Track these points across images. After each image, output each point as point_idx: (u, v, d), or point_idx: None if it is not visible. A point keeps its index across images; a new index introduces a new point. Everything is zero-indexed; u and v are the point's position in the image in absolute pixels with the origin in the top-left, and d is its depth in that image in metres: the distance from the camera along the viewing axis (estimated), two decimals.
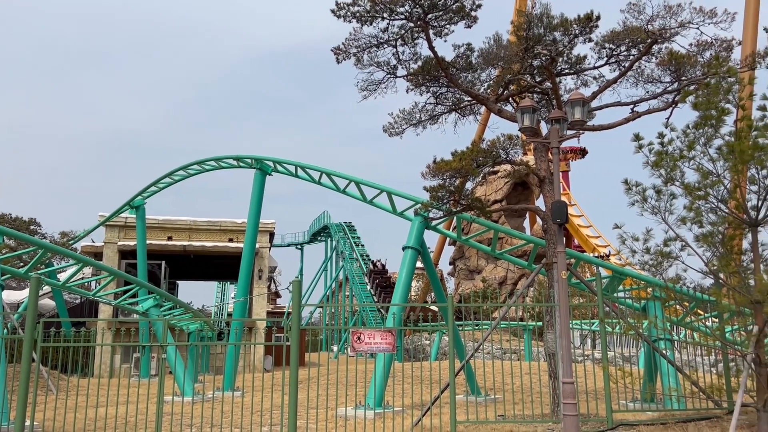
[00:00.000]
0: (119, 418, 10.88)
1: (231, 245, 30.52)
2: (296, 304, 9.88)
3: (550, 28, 12.08)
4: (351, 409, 12.06)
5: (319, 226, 58.29)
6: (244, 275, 20.75)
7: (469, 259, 52.60)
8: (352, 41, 12.78)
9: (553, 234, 11.08)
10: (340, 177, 18.83)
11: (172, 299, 19.83)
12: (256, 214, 21.11)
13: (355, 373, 13.68)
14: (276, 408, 12.43)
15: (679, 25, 11.40)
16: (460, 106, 14.38)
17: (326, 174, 19.03)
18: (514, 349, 33.73)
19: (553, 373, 11.43)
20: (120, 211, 27.45)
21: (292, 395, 9.15)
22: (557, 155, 9.95)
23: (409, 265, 15.87)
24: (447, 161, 11.74)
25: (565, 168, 55.47)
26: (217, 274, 42.01)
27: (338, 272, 54.18)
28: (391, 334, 10.05)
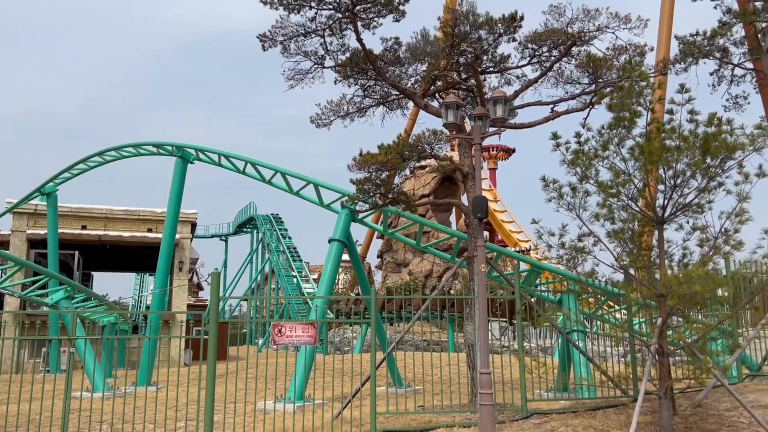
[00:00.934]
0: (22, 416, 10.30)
1: (150, 235, 29.44)
2: (214, 296, 9.64)
3: (475, 26, 12.30)
4: (272, 403, 11.91)
5: (244, 218, 57.17)
6: (163, 267, 20.07)
7: (396, 253, 53.07)
8: (279, 29, 12.57)
9: (474, 228, 11.31)
10: (266, 167, 18.51)
11: (85, 291, 18.93)
12: (176, 204, 20.44)
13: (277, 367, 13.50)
14: (193, 403, 12.10)
15: (597, 29, 11.87)
16: (387, 99, 14.42)
17: (251, 164, 18.66)
18: (438, 340, 34.35)
19: (472, 364, 11.70)
20: (29, 197, 25.89)
21: (209, 389, 8.93)
22: (479, 151, 10.14)
23: (334, 257, 15.83)
24: (373, 154, 11.76)
25: (492, 166, 56.84)
26: (136, 266, 40.47)
27: (264, 265, 53.39)
28: (312, 326, 9.98)
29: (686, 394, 10.47)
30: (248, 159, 18.76)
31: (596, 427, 9.08)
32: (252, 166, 18.70)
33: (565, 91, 13.13)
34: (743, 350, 11.72)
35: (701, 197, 9.07)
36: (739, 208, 8.74)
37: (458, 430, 9.43)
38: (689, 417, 9.22)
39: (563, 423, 9.42)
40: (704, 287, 8.00)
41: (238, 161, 19.21)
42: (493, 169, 56.78)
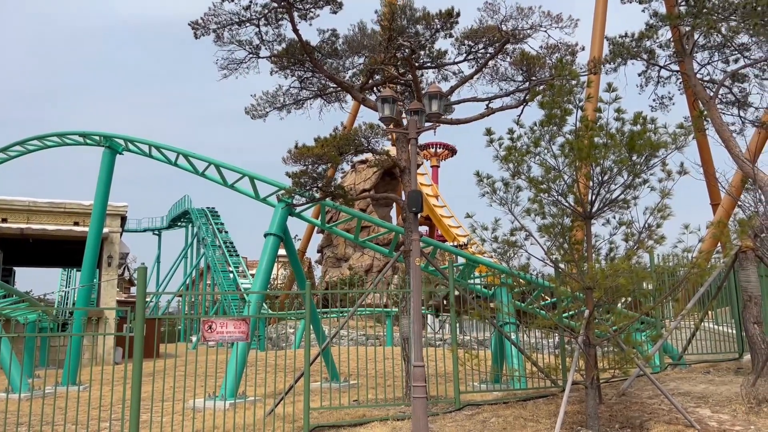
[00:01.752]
0: None
1: (77, 229, 28.18)
2: (141, 292, 9.28)
3: (413, 21, 12.30)
4: (202, 401, 11.62)
5: (178, 211, 55.71)
6: (89, 261, 19.24)
7: (336, 247, 52.91)
8: (212, 16, 12.22)
9: (409, 222, 11.35)
10: (199, 159, 18.01)
11: (5, 287, 17.94)
12: (103, 196, 19.63)
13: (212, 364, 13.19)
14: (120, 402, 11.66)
15: (530, 27, 12.09)
16: (325, 92, 14.28)
17: (183, 155, 18.12)
18: (377, 335, 34.47)
19: (407, 357, 11.76)
20: None
21: (135, 388, 8.61)
22: (415, 146, 10.16)
23: (270, 252, 15.56)
24: (309, 147, 11.61)
25: (435, 163, 57.39)
26: (62, 260, 38.66)
27: (199, 259, 52.17)
28: (245, 322, 9.76)
29: (612, 383, 10.85)
30: (180, 150, 18.21)
31: (526, 417, 9.28)
32: (184, 158, 18.16)
33: (500, 88, 13.34)
34: (665, 340, 12.24)
35: (627, 193, 9.39)
36: (662, 204, 9.10)
37: (392, 423, 9.45)
38: (614, 405, 9.55)
39: (495, 414, 9.59)
40: (628, 280, 8.29)
41: (169, 152, 18.61)
42: (435, 167, 57.39)
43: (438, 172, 57.38)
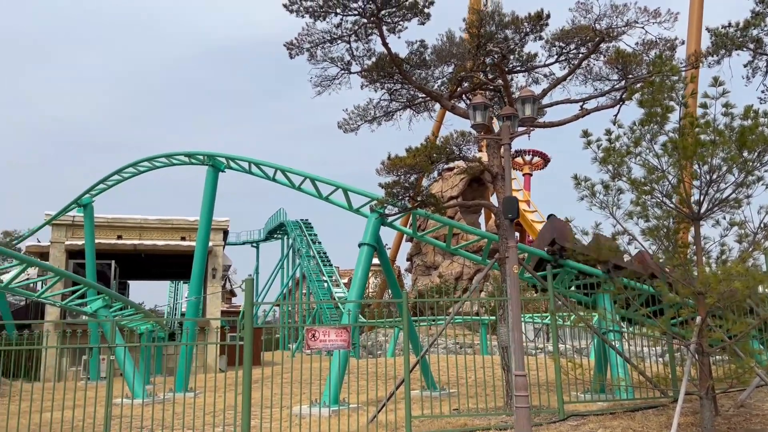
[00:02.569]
0: (66, 423, 10.54)
1: (183, 244, 29.90)
2: (249, 302, 9.75)
3: (501, 26, 12.24)
4: (306, 408, 11.98)
5: (274, 224, 57.68)
6: (197, 274, 20.37)
7: (426, 256, 52.99)
8: (305, 36, 12.68)
9: (505, 229, 11.24)
10: (295, 174, 18.64)
11: (122, 299, 19.32)
12: (208, 212, 20.73)
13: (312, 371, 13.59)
14: (230, 408, 12.24)
15: (625, 25, 11.70)
16: (414, 102, 14.43)
17: (281, 170, 18.82)
18: (470, 343, 34.15)
19: (506, 366, 11.61)
20: (67, 209, 26.57)
21: (246, 394, 9.03)
22: (508, 151, 10.07)
23: (364, 261, 15.87)
24: (401, 157, 11.77)
25: (527, 171, 56.27)
26: (170, 274, 41.11)
27: (295, 270, 53.75)
28: (346, 331, 10.02)
29: (728, 394, 10.23)
30: (277, 166, 18.93)
31: (635, 429, 8.93)
32: (281, 173, 18.86)
33: (595, 88, 12.97)
34: None
35: (739, 192, 8.88)
36: None
37: None
38: (732, 417, 9.00)
39: (601, 425, 9.29)
40: (744, 284, 7.82)
41: (267, 168, 19.40)
42: (528, 174, 56.24)
43: (530, 180, 56.15)
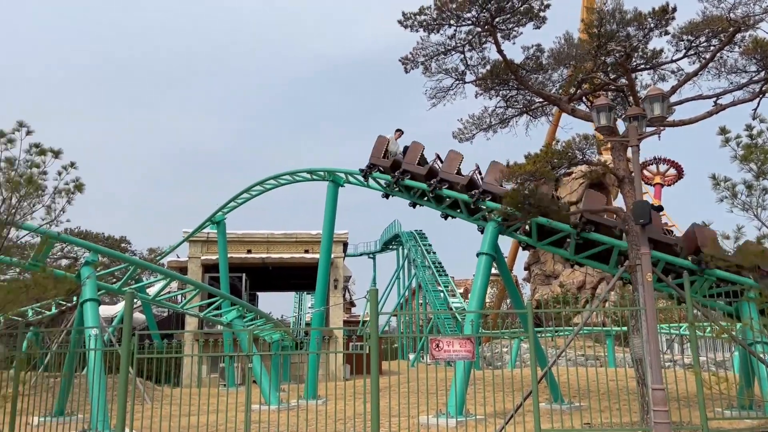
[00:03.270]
0: (210, 426, 11.32)
1: (307, 256, 31.16)
2: (374, 312, 9.98)
3: (623, 24, 11.76)
4: (432, 418, 12.04)
5: (390, 235, 58.57)
6: (321, 285, 21.13)
7: (545, 264, 51.45)
8: (420, 50, 12.88)
9: (635, 235, 10.72)
10: (411, 185, 18.86)
11: (254, 310, 20.45)
12: (330, 225, 21.47)
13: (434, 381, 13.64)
14: (358, 416, 12.57)
15: (764, 12, 10.83)
16: (531, 108, 14.19)
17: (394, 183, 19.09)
18: (596, 355, 32.65)
19: (641, 380, 11.02)
20: (202, 226, 28.59)
21: (374, 403, 9.23)
22: (637, 154, 9.63)
23: (484, 271, 15.71)
24: (520, 164, 11.59)
25: (659, 181, 53.15)
26: (295, 285, 42.97)
27: (411, 280, 54.21)
28: (470, 341, 9.99)
29: None
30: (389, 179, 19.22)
31: None
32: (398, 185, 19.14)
33: (730, 81, 12.10)
34: None
35: None
36: None
37: None
38: None
39: None
40: None
41: (384, 181, 19.77)
42: (659, 185, 53.05)
43: (661, 191, 52.81)
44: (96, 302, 13.08)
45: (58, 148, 10.03)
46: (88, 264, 13.42)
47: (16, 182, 9.27)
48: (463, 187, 16.43)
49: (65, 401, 13.76)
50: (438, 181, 16.88)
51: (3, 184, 9.45)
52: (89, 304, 12.87)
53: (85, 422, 12.46)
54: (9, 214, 9.48)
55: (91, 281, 12.97)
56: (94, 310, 12.80)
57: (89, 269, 13.24)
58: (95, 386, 11.36)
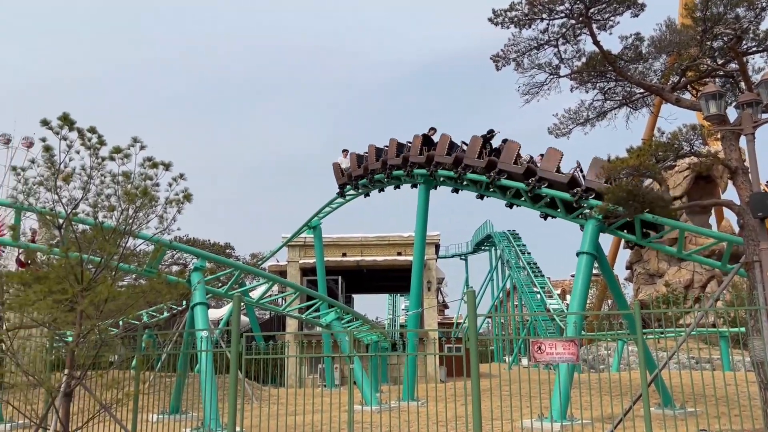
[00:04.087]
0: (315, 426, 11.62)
1: (400, 258, 31.41)
2: (472, 313, 9.91)
3: (731, 5, 11.02)
4: (535, 421, 11.78)
5: (481, 236, 57.86)
6: (416, 287, 21.20)
7: (648, 263, 49.01)
8: (511, 47, 12.66)
9: (752, 230, 10.00)
10: (505, 185, 18.56)
11: (351, 312, 20.85)
12: (422, 227, 21.51)
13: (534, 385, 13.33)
14: (458, 418, 12.49)
15: None
16: (631, 99, 13.58)
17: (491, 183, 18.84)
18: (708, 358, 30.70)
19: (764, 384, 10.25)
20: (299, 232, 29.52)
21: (476, 405, 9.15)
22: (752, 142, 9.00)
23: (584, 271, 15.19)
24: (622, 159, 11.11)
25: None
26: (388, 287, 43.41)
27: (505, 281, 53.32)
28: (573, 344, 9.71)
29: None
30: (487, 179, 18.99)
31: None
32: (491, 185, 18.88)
33: None
34: None
35: None
36: None
37: None
38: None
39: None
40: None
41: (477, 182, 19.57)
42: None
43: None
44: (205, 306, 13.80)
45: (168, 160, 10.70)
46: (197, 270, 14.19)
47: (133, 194, 9.94)
48: (563, 185, 16.02)
49: (180, 400, 14.59)
50: (537, 180, 16.54)
51: (121, 196, 10.18)
52: (199, 308, 13.59)
53: (197, 420, 13.16)
54: (127, 225, 10.19)
55: (201, 286, 13.69)
56: (203, 313, 13.51)
57: (199, 275, 14.00)
58: (207, 385, 11.97)
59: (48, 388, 9.76)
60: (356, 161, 23.74)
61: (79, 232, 10.42)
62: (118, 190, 10.10)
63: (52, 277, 9.93)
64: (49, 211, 10.02)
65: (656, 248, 18.25)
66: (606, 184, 13.16)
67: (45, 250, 10.70)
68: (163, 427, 11.98)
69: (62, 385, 9.71)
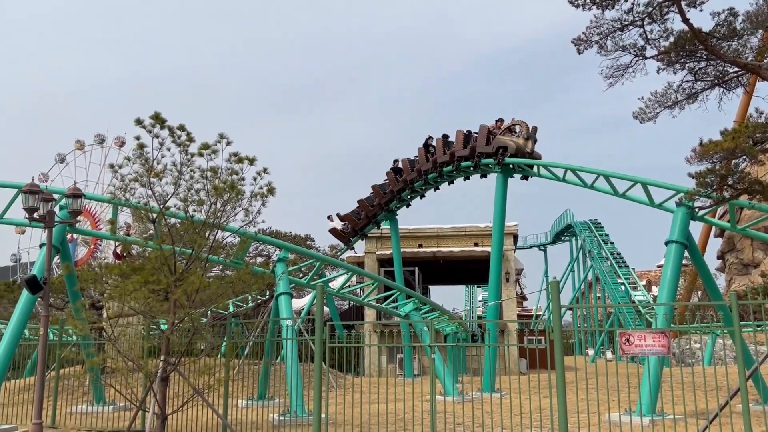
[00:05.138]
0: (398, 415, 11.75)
1: (477, 249, 31.14)
2: (555, 304, 9.69)
3: None
4: (619, 415, 11.43)
5: (561, 226, 56.31)
6: (494, 278, 20.95)
7: (741, 252, 46.36)
8: (594, 29, 12.25)
9: None
10: (587, 172, 18.02)
11: (429, 302, 20.86)
12: (500, 217, 21.20)
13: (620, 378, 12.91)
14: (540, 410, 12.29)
15: None
16: (724, 79, 12.85)
17: (571, 170, 18.37)
18: None
19: None
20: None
21: (561, 397, 8.97)
22: None
23: (674, 260, 14.54)
24: (716, 142, 10.55)
25: None
26: (465, 278, 43.14)
27: (587, 272, 51.76)
28: (664, 335, 9.33)
29: None
30: (567, 165, 18.52)
31: None
32: (572, 173, 18.40)
33: None
34: None
35: None
36: None
37: None
38: None
39: None
40: None
41: (557, 169, 19.12)
42: None
43: None
44: (289, 296, 14.20)
45: (253, 155, 11.06)
46: (281, 261, 14.61)
47: (221, 189, 10.36)
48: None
49: (266, 386, 15.12)
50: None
51: (210, 191, 10.62)
52: (283, 298, 14.01)
53: (284, 406, 13.59)
54: (216, 218, 10.63)
55: (285, 276, 14.09)
56: (287, 302, 13.91)
57: (283, 265, 14.41)
58: (292, 372, 12.33)
59: (146, 373, 10.36)
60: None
61: (170, 226, 10.96)
62: (206, 184, 10.54)
63: (148, 268, 10.51)
64: (144, 206, 10.59)
65: (752, 236, 17.21)
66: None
67: (141, 243, 11.31)
68: (251, 412, 12.46)
69: (159, 370, 10.28)
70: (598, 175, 17.55)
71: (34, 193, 10.20)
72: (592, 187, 18.16)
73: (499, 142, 20.72)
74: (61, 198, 11.83)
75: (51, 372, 13.51)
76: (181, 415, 10.95)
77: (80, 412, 13.28)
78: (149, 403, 10.55)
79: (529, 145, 20.54)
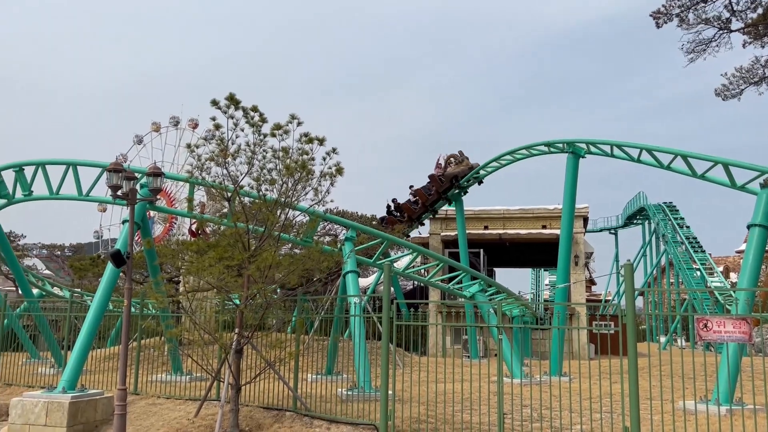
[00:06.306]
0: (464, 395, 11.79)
1: (545, 232, 30.56)
2: (629, 288, 9.43)
3: None
4: (695, 403, 11.06)
5: (633, 209, 54.35)
6: (563, 261, 20.55)
7: None
8: (675, 1, 11.69)
9: None
10: (663, 152, 17.33)
11: (495, 284, 20.71)
12: (571, 200, 20.73)
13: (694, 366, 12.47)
14: (607, 396, 12.05)
15: None
16: None
17: (647, 150, 17.70)
18: None
19: None
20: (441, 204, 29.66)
21: (633, 382, 8.76)
22: None
23: (756, 244, 13.86)
24: None
25: None
26: (531, 261, 42.43)
27: (660, 257, 49.89)
28: (745, 322, 8.93)
29: None
30: (643, 146, 17.85)
31: None
32: (648, 153, 17.73)
33: None
34: None
35: None
36: None
37: None
38: None
39: None
40: None
41: (631, 149, 18.46)
42: None
43: None
44: (356, 274, 14.43)
45: (322, 135, 11.22)
46: (349, 240, 14.84)
47: (292, 168, 10.59)
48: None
49: (333, 362, 15.47)
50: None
51: (281, 170, 10.87)
52: (350, 276, 14.25)
53: (350, 382, 13.89)
54: (287, 197, 10.90)
55: (353, 255, 14.32)
56: (354, 281, 14.15)
57: (350, 244, 14.64)
58: (359, 348, 12.57)
59: (221, 345, 10.81)
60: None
61: (243, 204, 11.31)
62: (278, 164, 10.80)
63: (223, 245, 10.92)
64: (219, 185, 10.97)
65: None
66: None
67: (216, 220, 11.76)
68: (320, 386, 12.80)
69: (233, 342, 10.71)
70: (676, 155, 16.85)
71: (118, 171, 10.72)
72: (668, 168, 17.47)
73: (449, 174, 27.24)
74: (142, 176, 12.40)
75: (133, 342, 14.28)
76: (253, 386, 11.37)
77: (160, 381, 14.00)
78: (224, 373, 11.02)
79: (467, 163, 27.67)
